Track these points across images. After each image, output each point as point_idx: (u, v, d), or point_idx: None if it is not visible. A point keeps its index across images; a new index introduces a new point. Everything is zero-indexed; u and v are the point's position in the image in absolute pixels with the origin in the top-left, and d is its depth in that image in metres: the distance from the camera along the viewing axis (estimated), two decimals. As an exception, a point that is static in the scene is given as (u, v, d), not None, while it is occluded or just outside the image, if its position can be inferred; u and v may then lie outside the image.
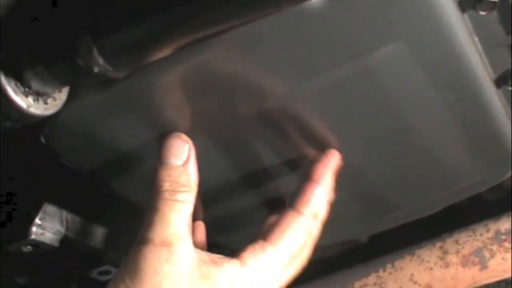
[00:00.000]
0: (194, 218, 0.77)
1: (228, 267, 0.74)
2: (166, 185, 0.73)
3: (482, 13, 0.71)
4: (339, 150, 0.84)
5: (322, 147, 0.84)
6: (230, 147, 0.83)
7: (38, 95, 0.65)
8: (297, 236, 0.79)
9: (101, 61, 0.60)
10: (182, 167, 0.75)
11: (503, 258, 1.12)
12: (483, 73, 0.78)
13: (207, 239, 0.96)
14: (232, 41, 0.67)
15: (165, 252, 0.70)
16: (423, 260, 1.17)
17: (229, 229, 1.02)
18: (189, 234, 0.73)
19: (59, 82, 0.65)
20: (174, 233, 0.71)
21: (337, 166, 0.84)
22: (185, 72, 0.70)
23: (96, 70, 0.61)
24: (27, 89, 0.64)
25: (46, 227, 0.95)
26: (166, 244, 0.70)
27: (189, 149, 0.76)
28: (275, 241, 0.78)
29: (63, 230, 0.98)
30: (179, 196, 0.73)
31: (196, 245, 0.75)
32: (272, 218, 0.87)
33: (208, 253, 0.76)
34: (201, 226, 0.95)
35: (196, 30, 0.60)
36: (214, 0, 0.57)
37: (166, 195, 0.73)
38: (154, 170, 0.75)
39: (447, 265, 1.15)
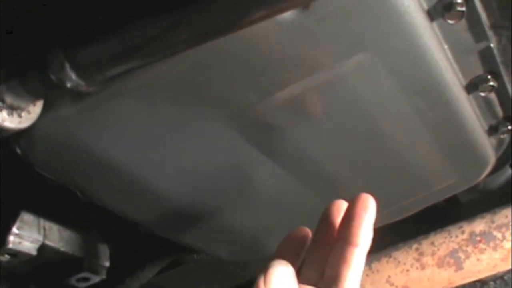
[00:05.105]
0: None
1: None
2: None
3: (451, 22, 0.73)
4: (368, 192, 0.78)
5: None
6: (209, 152, 0.84)
7: (12, 108, 0.65)
8: None
9: (73, 76, 0.61)
10: None
11: (478, 259, 1.14)
12: (453, 80, 0.79)
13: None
14: (203, 54, 0.68)
15: None
16: (399, 262, 1.18)
17: (212, 235, 1.03)
18: None
19: (33, 96, 0.65)
20: None
21: (374, 215, 0.77)
22: (156, 84, 0.71)
23: (68, 85, 0.61)
24: (0, 104, 0.64)
25: (24, 236, 0.95)
26: None
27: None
28: None
29: (41, 239, 0.98)
30: None
31: None
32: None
33: None
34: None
35: (168, 46, 0.60)
36: (183, 17, 0.58)
37: None
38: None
39: (423, 267, 1.16)
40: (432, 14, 0.72)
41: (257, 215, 0.98)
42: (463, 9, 0.71)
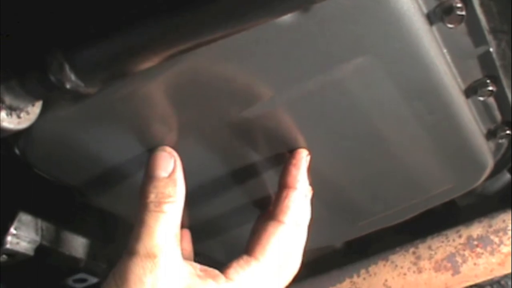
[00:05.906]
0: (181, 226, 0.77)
1: (212, 283, 0.75)
2: (152, 197, 0.74)
3: (450, 26, 0.72)
4: (306, 147, 0.84)
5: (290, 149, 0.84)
6: (206, 155, 0.84)
7: (11, 109, 0.65)
8: (281, 246, 0.79)
9: (73, 77, 0.61)
10: (168, 178, 0.76)
11: (475, 263, 1.14)
12: (452, 84, 0.79)
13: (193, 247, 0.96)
14: (200, 56, 0.68)
15: (150, 264, 0.71)
16: (396, 266, 1.18)
17: (208, 237, 1.03)
18: (175, 245, 0.74)
19: (32, 97, 0.65)
20: (158, 245, 0.72)
21: (308, 163, 0.83)
22: (157, 85, 0.71)
23: (68, 86, 0.61)
24: (-1, 104, 0.64)
25: (21, 236, 0.95)
26: (151, 256, 0.71)
27: (175, 161, 0.77)
28: (258, 255, 0.78)
29: (38, 239, 0.98)
30: (164, 207, 0.73)
31: (182, 253, 0.75)
32: (256, 230, 0.86)
33: (195, 265, 0.77)
34: (186, 234, 0.96)
35: (168, 47, 0.60)
36: (184, 17, 0.58)
37: (151, 206, 0.73)
38: (141, 184, 0.76)
39: (420, 271, 1.16)
40: (431, 18, 0.72)
41: (252, 218, 0.97)
42: (463, 13, 0.71)
